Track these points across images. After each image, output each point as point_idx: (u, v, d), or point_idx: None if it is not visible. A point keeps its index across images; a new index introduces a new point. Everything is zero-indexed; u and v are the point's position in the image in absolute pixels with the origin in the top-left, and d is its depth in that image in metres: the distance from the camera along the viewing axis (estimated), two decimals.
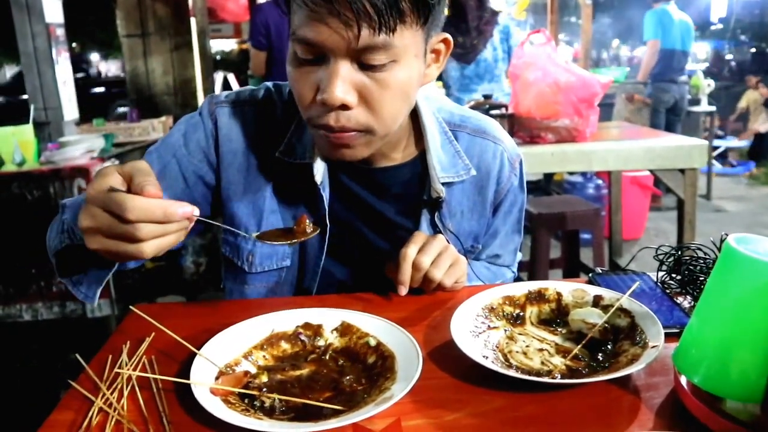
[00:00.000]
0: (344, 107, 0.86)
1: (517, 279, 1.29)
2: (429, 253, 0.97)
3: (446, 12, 0.94)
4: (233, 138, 1.06)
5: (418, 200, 1.09)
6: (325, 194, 1.04)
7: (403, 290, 0.97)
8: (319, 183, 1.03)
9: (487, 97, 2.68)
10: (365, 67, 0.85)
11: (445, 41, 0.95)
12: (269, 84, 1.12)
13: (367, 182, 1.07)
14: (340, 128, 0.88)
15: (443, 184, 1.07)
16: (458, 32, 3.65)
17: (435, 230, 1.09)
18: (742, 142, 7.62)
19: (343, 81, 0.84)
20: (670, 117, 5.37)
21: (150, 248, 0.71)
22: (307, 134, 1.04)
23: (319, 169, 1.03)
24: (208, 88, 4.81)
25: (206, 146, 1.06)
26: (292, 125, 1.06)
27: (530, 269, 2.98)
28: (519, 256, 1.31)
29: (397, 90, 0.88)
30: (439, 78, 3.85)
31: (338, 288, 1.12)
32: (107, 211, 0.69)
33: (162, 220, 0.70)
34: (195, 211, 0.73)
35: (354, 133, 0.90)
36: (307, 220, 0.90)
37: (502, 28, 3.78)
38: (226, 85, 7.79)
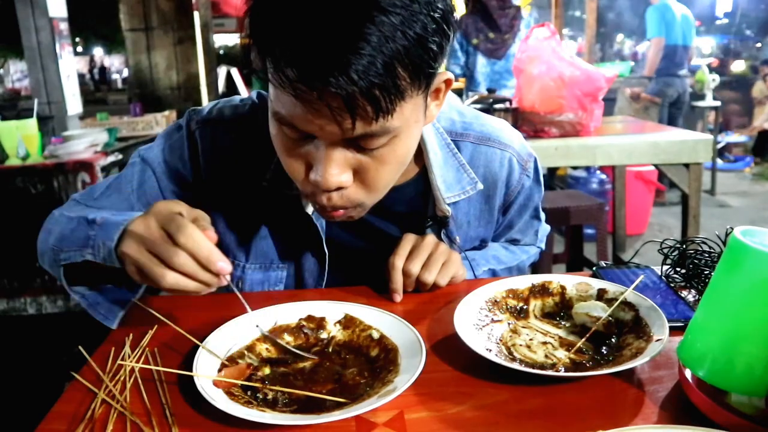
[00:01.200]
0: (339, 188, 0.79)
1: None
2: (418, 259, 0.95)
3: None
4: (217, 161, 1.00)
5: (422, 218, 1.05)
6: (320, 224, 0.99)
7: (398, 297, 0.95)
8: (311, 213, 0.98)
9: (491, 90, 2.67)
10: (362, 149, 0.76)
11: (446, 81, 0.83)
12: (254, 96, 1.04)
13: None
14: (332, 207, 0.82)
15: (449, 204, 1.02)
16: (489, 28, 3.65)
17: None
18: (741, 137, 7.58)
19: (338, 164, 0.76)
20: (671, 111, 5.40)
21: (171, 278, 0.72)
22: None
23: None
24: (211, 83, 4.81)
25: (187, 167, 1.01)
26: None
27: (533, 264, 2.97)
28: (546, 229, 1.26)
29: (395, 163, 0.80)
30: (463, 75, 3.86)
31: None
32: (163, 228, 0.73)
33: (202, 259, 0.72)
34: (227, 270, 0.74)
35: (348, 209, 0.84)
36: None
37: (526, 23, 3.78)
38: (229, 80, 7.77)
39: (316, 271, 1.05)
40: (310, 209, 0.98)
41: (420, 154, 1.00)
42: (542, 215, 1.23)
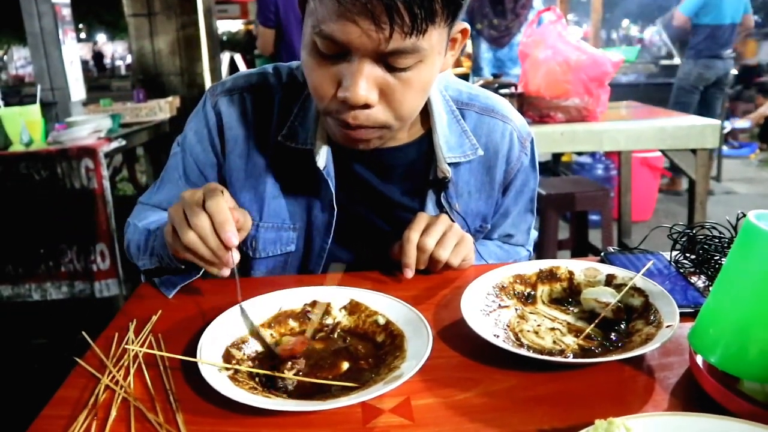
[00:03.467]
0: (366, 106, 0.84)
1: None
2: (433, 234, 0.96)
3: None
4: (233, 125, 1.06)
5: (424, 180, 1.07)
6: (330, 180, 1.03)
7: (410, 273, 0.95)
8: (322, 168, 1.01)
9: (496, 75, 2.64)
10: (390, 68, 0.82)
11: (463, 31, 0.91)
12: (266, 66, 1.10)
13: (373, 164, 1.05)
14: (357, 126, 0.86)
15: (450, 164, 1.04)
16: (494, 14, 3.59)
17: (441, 210, 1.07)
18: (746, 123, 7.50)
19: (367, 80, 0.81)
20: (712, 92, 5.06)
21: (189, 237, 0.81)
22: (310, 119, 1.02)
23: (322, 155, 1.01)
24: (215, 69, 4.78)
25: (212, 138, 1.07)
26: (295, 109, 1.04)
27: (539, 250, 2.96)
28: (534, 235, 1.28)
29: (419, 88, 0.86)
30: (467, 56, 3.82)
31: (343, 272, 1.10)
32: (203, 193, 0.82)
33: (217, 224, 0.80)
34: (234, 242, 0.80)
35: (371, 130, 0.88)
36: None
37: (534, 13, 3.73)
38: (232, 66, 7.74)
39: (323, 229, 1.07)
40: (321, 163, 1.01)
41: (426, 117, 1.04)
42: (535, 209, 1.23)
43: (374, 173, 1.06)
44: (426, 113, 1.04)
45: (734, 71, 5.52)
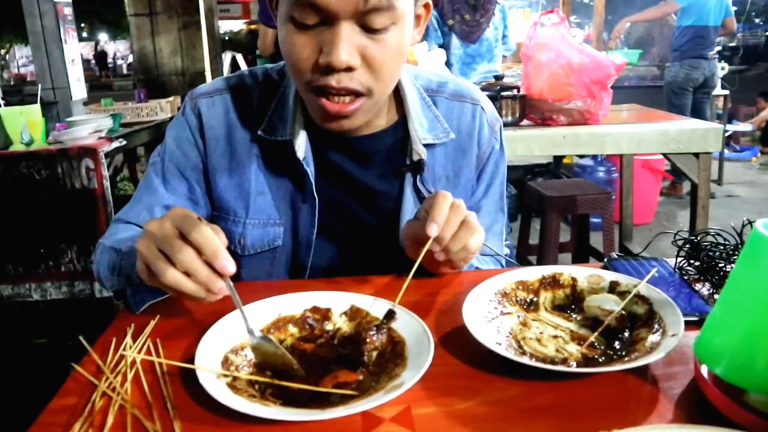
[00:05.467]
0: (348, 69, 0.86)
1: (527, 263, 1.25)
2: (460, 211, 0.88)
3: None
4: (214, 125, 1.07)
5: (400, 165, 1.09)
6: (310, 169, 1.05)
7: (435, 229, 0.84)
8: (302, 158, 1.03)
9: (498, 78, 2.63)
10: (368, 30, 0.86)
11: (426, 5, 0.97)
12: (242, 70, 1.14)
13: (351, 151, 1.07)
14: (341, 89, 0.88)
15: (424, 145, 1.07)
16: (465, 9, 3.61)
17: (418, 196, 1.09)
18: (748, 127, 7.49)
19: (348, 44, 0.85)
20: (698, 97, 5.11)
21: (171, 275, 0.73)
22: (288, 111, 1.05)
23: (301, 145, 1.03)
24: (216, 69, 4.78)
25: (195, 141, 1.08)
26: (272, 104, 1.07)
27: (539, 253, 2.96)
28: (507, 241, 1.23)
29: (395, 51, 0.90)
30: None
31: (327, 263, 1.11)
32: (177, 227, 0.74)
33: (209, 253, 0.72)
34: (231, 269, 0.73)
35: (353, 101, 0.90)
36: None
37: (500, 7, 3.74)
38: (234, 66, 7.72)
39: (308, 222, 1.08)
40: (300, 153, 1.03)
41: (400, 104, 1.08)
42: (505, 207, 1.21)
43: (353, 161, 1.07)
44: (399, 101, 1.08)
45: (721, 73, 5.53)
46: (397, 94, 1.08)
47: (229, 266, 0.73)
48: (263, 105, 1.07)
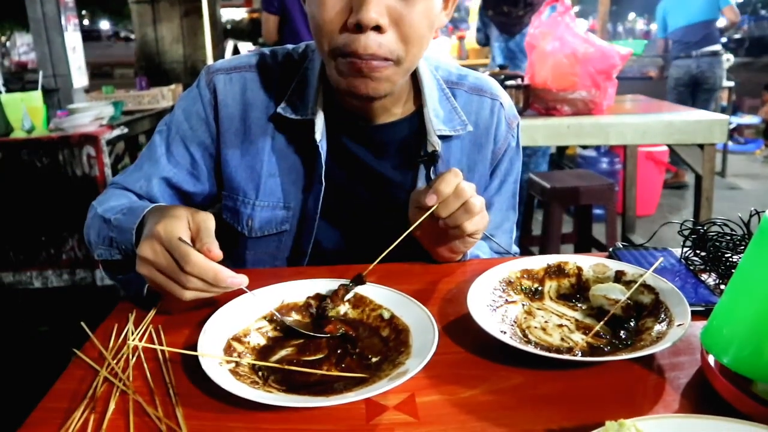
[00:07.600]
0: (377, 29, 0.85)
1: (529, 254, 1.24)
2: (471, 187, 0.88)
3: None
4: (230, 103, 1.06)
5: (415, 156, 1.08)
6: (323, 152, 1.03)
7: (434, 199, 0.86)
8: (318, 140, 1.02)
9: (502, 67, 2.61)
10: None
11: None
12: (263, 49, 1.12)
13: (366, 140, 1.06)
14: (369, 56, 0.87)
15: (440, 137, 1.05)
16: (504, 1, 3.54)
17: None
18: (754, 119, 7.46)
19: (378, 2, 0.84)
20: (702, 96, 5.06)
21: (190, 296, 0.77)
22: (310, 89, 1.04)
23: (319, 127, 1.02)
24: (218, 56, 4.76)
25: (206, 116, 1.07)
26: (293, 83, 1.05)
27: (542, 243, 2.95)
28: (514, 235, 1.23)
29: (424, 18, 0.88)
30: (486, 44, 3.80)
31: (331, 250, 1.10)
32: (170, 254, 0.76)
33: (211, 282, 0.75)
34: (244, 283, 0.76)
35: (382, 62, 0.88)
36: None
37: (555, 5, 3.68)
38: (236, 54, 7.70)
39: (313, 207, 1.07)
40: (318, 136, 1.02)
41: (417, 95, 1.07)
42: (517, 205, 1.20)
43: (368, 149, 1.06)
44: (417, 92, 1.07)
45: (727, 65, 5.45)
46: (416, 85, 1.07)
47: (237, 280, 0.76)
48: (283, 84, 1.06)
